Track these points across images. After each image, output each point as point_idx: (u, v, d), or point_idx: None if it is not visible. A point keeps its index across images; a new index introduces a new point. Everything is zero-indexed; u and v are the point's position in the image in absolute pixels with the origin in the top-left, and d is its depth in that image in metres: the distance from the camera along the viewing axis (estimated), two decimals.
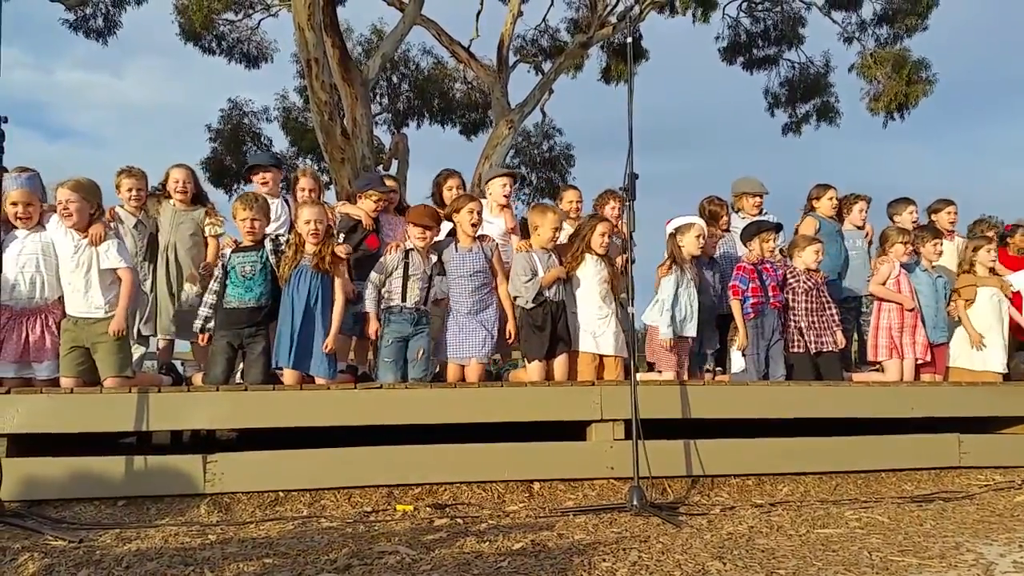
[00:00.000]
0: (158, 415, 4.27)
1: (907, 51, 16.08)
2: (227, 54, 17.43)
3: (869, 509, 4.29)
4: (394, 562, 3.09)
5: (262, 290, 4.78)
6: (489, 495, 4.46)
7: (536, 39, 18.85)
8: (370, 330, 4.96)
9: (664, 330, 5.31)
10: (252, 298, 4.76)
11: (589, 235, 5.29)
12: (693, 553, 3.30)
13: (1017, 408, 5.59)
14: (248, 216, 4.81)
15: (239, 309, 4.75)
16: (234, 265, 4.79)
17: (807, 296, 5.70)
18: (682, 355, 5.40)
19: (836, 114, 17.68)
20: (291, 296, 4.75)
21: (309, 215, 4.84)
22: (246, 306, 4.75)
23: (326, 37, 11.49)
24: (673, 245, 5.51)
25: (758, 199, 6.48)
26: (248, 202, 4.86)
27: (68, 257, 4.58)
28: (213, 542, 3.44)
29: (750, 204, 6.44)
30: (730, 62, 17.90)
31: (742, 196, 6.48)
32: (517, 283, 5.17)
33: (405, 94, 20.99)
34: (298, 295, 4.75)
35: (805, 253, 5.77)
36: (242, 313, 4.75)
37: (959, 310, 6.13)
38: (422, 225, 5.04)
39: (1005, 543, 3.54)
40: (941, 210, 6.92)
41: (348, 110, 12.37)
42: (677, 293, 5.38)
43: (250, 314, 4.75)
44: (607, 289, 5.28)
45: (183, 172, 5.57)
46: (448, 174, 6.19)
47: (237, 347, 4.77)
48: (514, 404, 4.73)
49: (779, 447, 4.96)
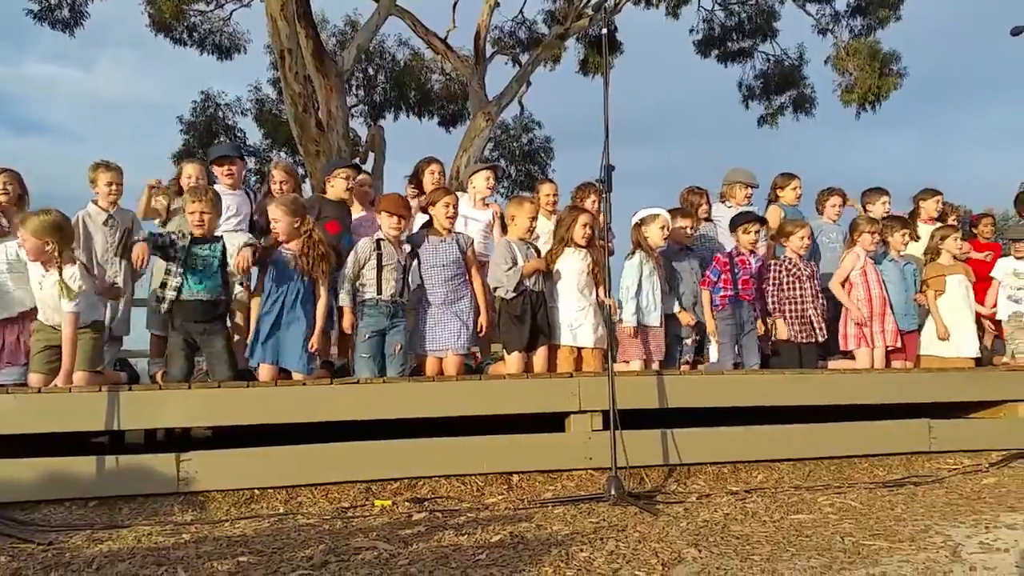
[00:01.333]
0: (129, 414, 4.22)
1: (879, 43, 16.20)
2: (199, 45, 17.18)
3: (842, 494, 4.35)
4: (371, 557, 3.08)
5: (214, 284, 4.70)
6: (468, 488, 4.47)
7: (513, 31, 18.76)
8: (345, 324, 4.93)
9: (628, 318, 5.32)
10: (204, 291, 4.67)
11: (571, 227, 5.29)
12: (669, 541, 3.33)
13: (984, 393, 5.68)
14: (198, 209, 4.72)
15: (191, 301, 4.66)
16: (192, 254, 4.69)
17: (793, 285, 5.76)
18: (649, 345, 5.40)
19: (811, 104, 17.79)
20: (268, 288, 4.72)
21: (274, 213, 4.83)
22: (197, 299, 4.66)
23: (299, 28, 11.38)
24: (638, 235, 5.53)
25: (749, 190, 6.50)
26: (199, 194, 4.79)
27: (36, 280, 4.47)
28: (187, 541, 3.41)
29: (741, 195, 6.45)
30: (705, 55, 17.92)
31: (735, 185, 6.48)
32: (498, 272, 5.16)
33: (381, 86, 20.83)
34: (276, 289, 4.72)
35: (792, 239, 5.84)
36: (194, 306, 4.67)
37: (929, 301, 6.19)
38: (396, 214, 5.00)
39: (972, 525, 3.61)
40: (927, 199, 6.99)
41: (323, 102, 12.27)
42: (640, 282, 5.37)
43: (202, 308, 4.67)
44: (587, 281, 5.28)
45: (196, 168, 5.57)
46: (430, 160, 6.19)
47: (193, 343, 4.71)
48: (493, 397, 4.73)
49: (754, 435, 5.01)
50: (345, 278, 4.92)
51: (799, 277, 5.80)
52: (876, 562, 3.01)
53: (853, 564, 2.99)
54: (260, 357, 4.71)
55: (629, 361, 5.33)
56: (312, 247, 4.80)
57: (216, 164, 5.68)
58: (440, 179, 6.20)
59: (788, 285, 5.79)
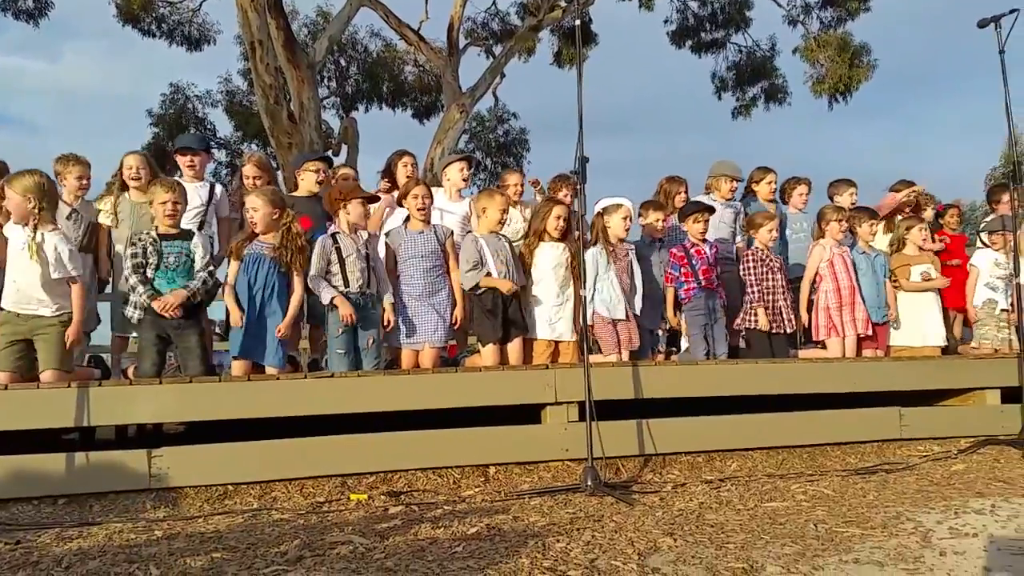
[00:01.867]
0: (99, 410, 4.15)
1: (849, 35, 16.36)
2: (168, 37, 16.95)
3: (815, 482, 4.40)
4: (347, 552, 3.06)
5: (185, 282, 4.62)
6: (445, 481, 4.46)
7: (487, 22, 18.72)
8: (344, 313, 4.76)
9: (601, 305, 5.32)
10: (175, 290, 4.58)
11: (545, 219, 5.27)
12: (645, 530, 3.34)
13: (954, 381, 5.77)
14: (170, 199, 4.62)
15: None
16: (161, 253, 4.60)
17: (765, 275, 5.81)
18: (621, 336, 5.39)
19: (784, 95, 17.93)
20: (245, 283, 4.66)
21: (252, 202, 4.75)
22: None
23: (270, 19, 11.26)
24: (599, 225, 5.51)
25: (734, 183, 6.50)
26: (170, 185, 4.71)
27: (17, 247, 4.32)
28: (159, 538, 3.37)
29: (726, 188, 6.44)
30: (679, 46, 18.00)
31: (720, 178, 6.44)
32: (461, 270, 5.15)
33: (354, 77, 20.70)
34: (253, 283, 4.66)
35: (761, 231, 5.88)
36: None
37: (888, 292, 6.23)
38: (361, 198, 4.94)
39: (942, 511, 3.66)
40: (902, 191, 7.05)
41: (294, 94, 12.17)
42: (597, 275, 5.32)
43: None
44: (564, 274, 5.26)
45: (137, 159, 5.37)
46: (402, 153, 6.13)
47: (166, 338, 4.64)
48: (469, 389, 4.72)
49: (728, 424, 5.05)
50: (312, 278, 4.83)
51: (771, 268, 5.85)
52: (849, 549, 3.04)
53: (826, 551, 3.02)
54: (235, 350, 4.65)
55: (604, 353, 5.34)
56: (291, 239, 4.75)
57: (179, 154, 5.56)
58: (413, 171, 6.16)
59: (760, 275, 5.84)
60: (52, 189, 4.48)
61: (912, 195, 6.87)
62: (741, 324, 5.85)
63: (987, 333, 6.41)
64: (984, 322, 6.47)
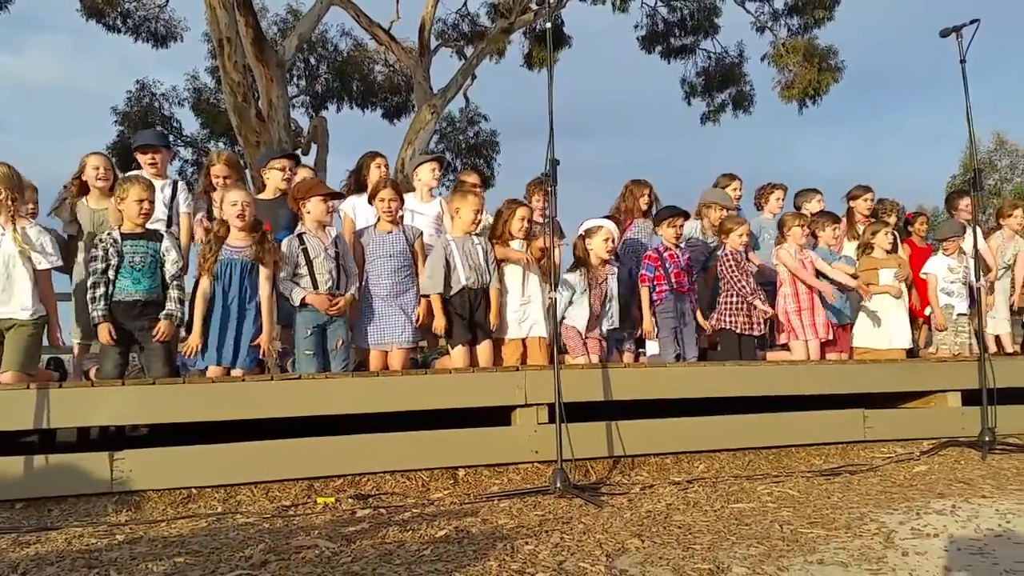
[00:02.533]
0: (60, 412, 4.05)
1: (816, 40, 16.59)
2: (133, 32, 16.68)
3: (780, 483, 4.44)
4: (313, 556, 3.03)
5: (152, 283, 4.55)
6: (413, 484, 4.43)
7: (457, 23, 18.68)
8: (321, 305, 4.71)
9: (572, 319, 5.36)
10: (141, 291, 4.51)
11: (509, 221, 5.27)
12: (613, 532, 3.35)
13: (916, 384, 5.87)
14: (147, 197, 4.55)
15: (127, 302, 4.50)
16: (124, 252, 4.51)
17: (738, 278, 5.86)
18: (590, 347, 5.42)
19: (750, 103, 18.12)
20: (220, 293, 4.59)
21: (236, 197, 4.68)
22: (132, 299, 4.50)
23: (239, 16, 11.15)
24: (581, 248, 5.54)
25: (723, 212, 6.52)
26: (145, 184, 4.61)
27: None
28: (121, 542, 3.31)
29: (716, 216, 6.45)
30: (649, 51, 18.11)
31: (711, 206, 6.42)
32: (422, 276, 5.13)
33: (323, 76, 20.54)
34: (228, 290, 4.60)
35: (732, 236, 5.94)
36: (131, 306, 4.51)
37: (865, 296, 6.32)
38: (321, 195, 4.90)
39: (905, 511, 3.72)
40: (859, 196, 7.13)
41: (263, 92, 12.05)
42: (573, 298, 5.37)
43: (140, 307, 4.52)
44: (525, 273, 5.27)
45: (102, 159, 5.21)
46: (374, 154, 6.04)
47: (128, 339, 4.56)
48: (438, 391, 4.69)
49: (696, 426, 5.09)
50: (281, 280, 4.78)
51: (744, 271, 5.91)
52: (814, 549, 3.08)
53: (791, 551, 3.05)
54: (208, 360, 4.60)
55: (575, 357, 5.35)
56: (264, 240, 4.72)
57: (140, 152, 5.40)
58: (386, 172, 6.11)
59: (734, 276, 5.88)
60: (20, 180, 4.38)
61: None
62: (716, 324, 5.90)
63: (945, 338, 6.52)
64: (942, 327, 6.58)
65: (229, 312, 4.62)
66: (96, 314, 4.43)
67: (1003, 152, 30.56)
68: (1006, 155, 30.45)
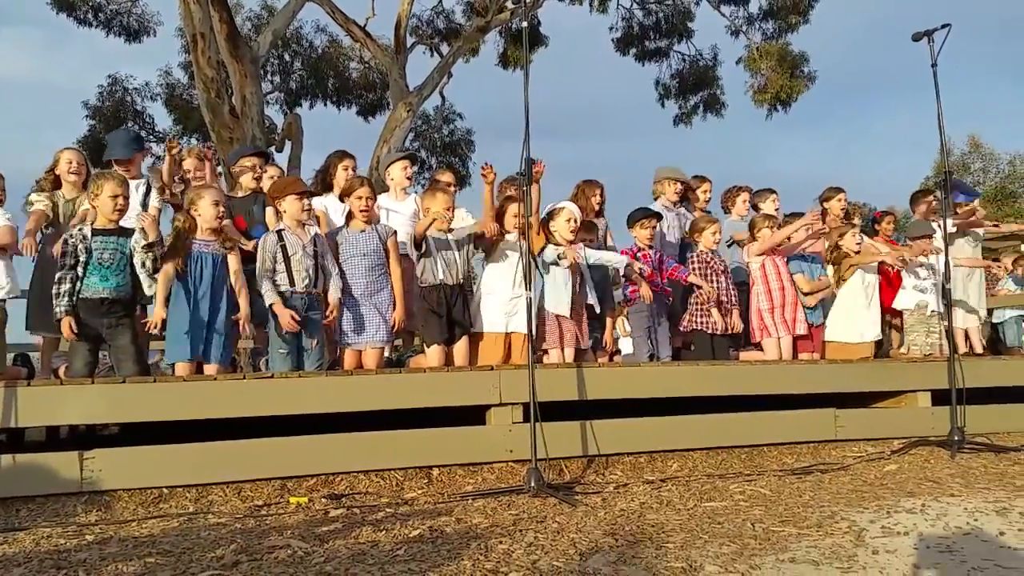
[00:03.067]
0: (28, 411, 3.99)
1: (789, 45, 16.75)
2: (104, 26, 16.44)
3: (752, 482, 4.48)
4: (285, 556, 3.01)
5: (120, 280, 4.50)
6: (387, 483, 4.42)
7: (433, 20, 18.61)
8: (283, 321, 4.65)
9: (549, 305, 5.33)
10: (110, 288, 4.46)
11: (502, 215, 5.27)
12: (587, 531, 3.36)
13: (887, 383, 5.94)
14: (122, 193, 4.51)
15: (95, 299, 4.44)
16: (93, 249, 4.46)
17: (710, 277, 5.90)
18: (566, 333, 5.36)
19: (722, 106, 18.27)
20: (191, 287, 4.54)
21: (217, 196, 4.66)
22: (101, 296, 4.45)
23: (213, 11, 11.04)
24: (546, 230, 5.53)
25: (679, 186, 6.58)
26: (120, 180, 4.58)
27: None
28: (90, 543, 3.26)
29: (671, 190, 6.52)
30: (624, 53, 18.18)
31: (663, 181, 6.53)
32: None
33: (298, 72, 20.38)
34: (199, 284, 4.56)
35: (704, 235, 5.98)
36: (99, 304, 4.45)
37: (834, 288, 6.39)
38: (296, 193, 4.87)
39: (875, 510, 3.76)
40: (832, 198, 7.20)
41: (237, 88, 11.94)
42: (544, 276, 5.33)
43: (108, 305, 4.47)
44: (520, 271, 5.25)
45: (76, 154, 5.17)
46: (343, 155, 5.92)
47: (97, 337, 4.50)
48: (413, 390, 4.68)
49: (670, 425, 5.12)
50: (259, 276, 4.74)
51: (716, 270, 5.95)
52: (785, 548, 3.11)
53: (763, 550, 3.08)
54: (179, 355, 4.54)
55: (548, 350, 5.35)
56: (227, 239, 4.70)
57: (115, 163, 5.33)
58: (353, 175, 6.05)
59: (705, 277, 5.93)
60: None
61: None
62: (688, 325, 5.94)
63: (916, 339, 6.61)
64: (913, 327, 6.66)
65: (200, 306, 4.57)
66: (59, 309, 4.37)
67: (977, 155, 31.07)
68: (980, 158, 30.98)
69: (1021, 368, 6.51)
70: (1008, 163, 31.01)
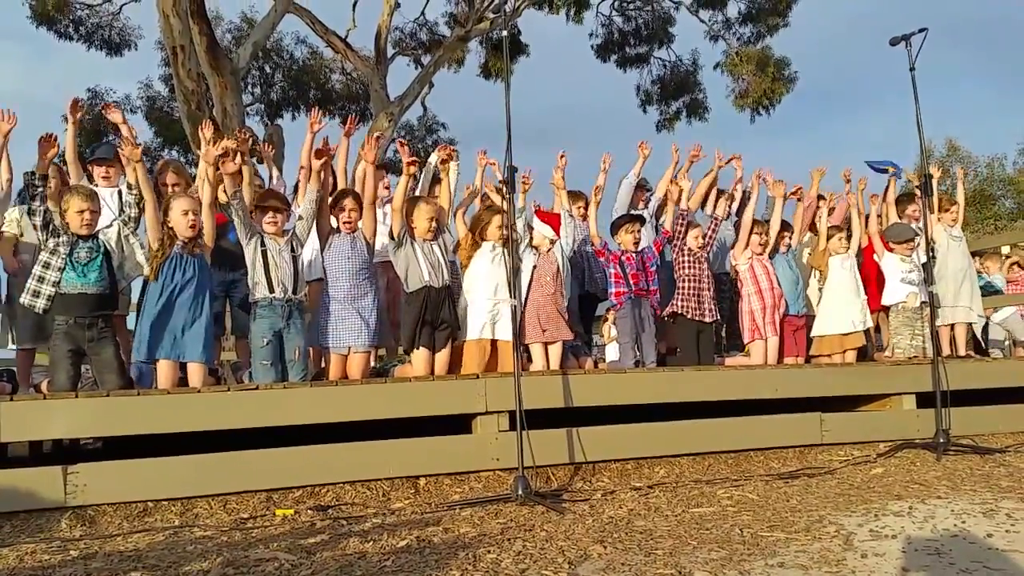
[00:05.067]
0: (11, 426, 3.94)
1: (769, 49, 16.90)
2: (86, 40, 16.38)
3: (740, 487, 4.49)
4: (272, 569, 2.98)
5: (98, 276, 4.49)
6: (374, 493, 4.39)
7: (414, 32, 18.65)
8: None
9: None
10: (88, 284, 4.45)
11: (487, 225, 5.28)
12: (576, 539, 3.35)
13: (872, 387, 5.98)
14: (88, 207, 4.51)
15: (74, 295, 4.43)
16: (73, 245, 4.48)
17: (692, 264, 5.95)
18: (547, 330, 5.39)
19: (705, 110, 18.39)
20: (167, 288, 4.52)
21: (187, 205, 4.65)
22: (80, 291, 4.43)
23: (193, 24, 11.01)
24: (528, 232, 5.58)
25: (645, 194, 6.60)
26: (87, 194, 4.59)
27: None
28: (75, 558, 3.22)
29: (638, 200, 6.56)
30: (604, 60, 18.27)
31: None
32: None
33: (279, 84, 20.36)
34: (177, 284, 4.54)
35: (687, 237, 6.02)
36: (79, 299, 4.43)
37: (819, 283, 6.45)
38: (270, 208, 4.89)
39: (863, 514, 3.78)
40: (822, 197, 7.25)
41: (217, 100, 11.91)
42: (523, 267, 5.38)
43: (88, 301, 4.45)
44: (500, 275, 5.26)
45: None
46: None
47: (80, 351, 4.47)
48: (398, 400, 4.66)
49: (655, 431, 5.12)
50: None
51: (698, 259, 5.98)
52: (774, 553, 3.11)
53: (752, 555, 3.08)
54: (160, 353, 4.50)
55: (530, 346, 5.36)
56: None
57: (95, 164, 5.46)
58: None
59: (686, 264, 5.96)
60: None
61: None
62: (669, 310, 5.96)
63: (900, 343, 6.63)
64: (898, 330, 6.69)
65: (174, 307, 4.55)
66: (39, 303, 4.38)
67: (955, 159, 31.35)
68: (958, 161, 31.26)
69: (1005, 370, 6.58)
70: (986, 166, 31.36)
